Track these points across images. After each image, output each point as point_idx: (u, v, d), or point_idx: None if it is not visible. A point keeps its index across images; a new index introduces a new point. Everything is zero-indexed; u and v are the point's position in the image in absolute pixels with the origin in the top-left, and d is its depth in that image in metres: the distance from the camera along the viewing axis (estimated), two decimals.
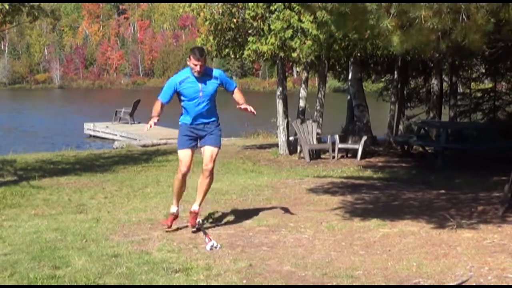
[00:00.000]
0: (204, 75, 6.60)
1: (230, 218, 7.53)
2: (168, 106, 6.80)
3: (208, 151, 6.73)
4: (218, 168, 12.61)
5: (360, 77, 17.62)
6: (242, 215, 7.66)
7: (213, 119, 6.78)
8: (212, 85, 6.65)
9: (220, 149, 6.87)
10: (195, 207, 6.89)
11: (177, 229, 6.95)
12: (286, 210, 7.98)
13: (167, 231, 6.80)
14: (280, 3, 13.57)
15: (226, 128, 10.03)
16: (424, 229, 6.84)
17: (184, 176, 6.81)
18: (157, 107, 6.68)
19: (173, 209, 6.98)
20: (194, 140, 6.78)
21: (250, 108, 6.68)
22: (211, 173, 6.80)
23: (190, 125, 6.73)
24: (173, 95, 6.68)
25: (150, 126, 6.60)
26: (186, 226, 7.05)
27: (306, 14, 12.90)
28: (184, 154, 6.74)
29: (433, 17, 5.56)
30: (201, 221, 6.97)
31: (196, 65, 6.50)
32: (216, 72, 6.74)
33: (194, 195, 7.06)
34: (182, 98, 6.68)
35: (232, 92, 6.83)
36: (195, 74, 6.55)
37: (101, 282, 5.09)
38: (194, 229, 6.78)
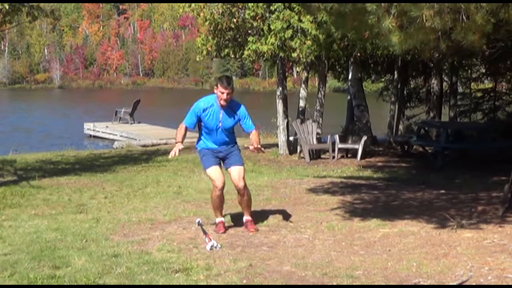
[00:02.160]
0: (228, 108, 6.63)
1: (231, 218, 7.53)
2: (169, 107, 6.80)
3: (235, 171, 6.81)
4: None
5: (360, 77, 17.61)
6: (242, 215, 7.65)
7: (230, 145, 6.87)
8: (232, 120, 6.70)
9: (244, 167, 6.94)
10: (247, 217, 6.97)
11: (177, 229, 6.95)
12: (286, 210, 7.99)
13: (217, 232, 6.79)
14: (280, 3, 13.57)
15: None
16: (424, 229, 6.85)
17: (221, 190, 6.84)
18: (181, 131, 6.70)
19: (219, 219, 6.94)
20: (218, 158, 6.84)
21: (261, 148, 6.72)
22: (245, 189, 6.88)
23: (209, 149, 6.79)
24: (197, 120, 6.71)
25: (175, 154, 6.55)
26: (186, 227, 7.05)
27: (306, 14, 12.90)
28: (215, 171, 6.78)
29: (433, 16, 5.57)
30: (200, 221, 6.96)
31: (223, 93, 6.53)
32: (240, 109, 6.74)
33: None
34: (202, 124, 6.74)
35: (250, 133, 6.87)
36: (221, 102, 6.57)
37: (101, 282, 5.10)
38: (256, 231, 6.80)
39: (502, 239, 6.32)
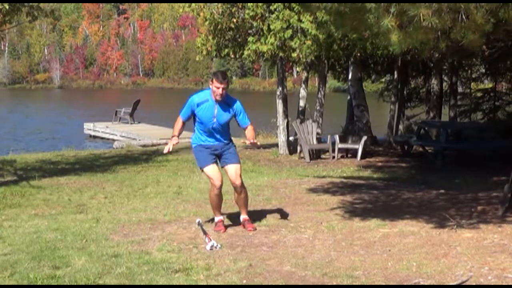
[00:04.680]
0: (223, 102, 6.63)
1: (230, 218, 7.53)
2: (169, 107, 6.81)
3: (231, 169, 6.82)
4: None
5: (360, 77, 17.61)
6: (240, 214, 7.64)
7: (225, 141, 6.85)
8: (227, 115, 6.69)
9: (241, 164, 6.97)
10: (244, 216, 6.99)
11: (177, 229, 6.95)
12: (286, 210, 7.98)
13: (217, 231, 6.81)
14: (279, 3, 13.57)
15: None
16: (424, 229, 6.85)
17: (220, 189, 6.85)
18: (178, 125, 6.80)
19: (218, 218, 6.98)
20: (214, 155, 6.83)
21: (256, 142, 6.77)
22: (242, 187, 6.90)
23: (204, 146, 6.79)
24: (191, 114, 6.74)
25: (169, 149, 6.67)
26: (186, 227, 7.05)
27: (306, 14, 12.90)
28: (212, 170, 6.78)
29: (432, 16, 5.56)
30: (200, 221, 6.96)
31: (218, 88, 6.52)
32: (236, 103, 6.74)
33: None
34: (197, 119, 6.75)
35: (245, 128, 6.87)
36: (217, 97, 6.57)
37: (101, 282, 5.10)
38: (255, 230, 6.82)
39: (502, 239, 6.32)
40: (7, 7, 10.96)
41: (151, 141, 22.11)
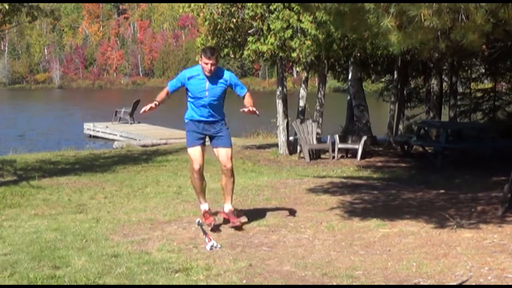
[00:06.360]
0: (214, 76, 6.61)
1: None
2: (169, 107, 6.81)
3: (223, 152, 6.82)
4: (218, 168, 12.61)
5: (360, 77, 17.61)
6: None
7: (218, 118, 6.81)
8: (219, 87, 6.67)
9: (232, 148, 6.95)
10: (228, 207, 6.97)
11: (178, 229, 6.95)
12: (286, 210, 7.98)
13: (211, 230, 6.74)
14: (279, 3, 13.57)
15: None
16: (424, 229, 6.85)
17: (199, 172, 6.83)
18: (162, 94, 6.75)
19: (204, 206, 7.01)
20: (202, 138, 6.83)
21: (255, 111, 6.69)
22: (232, 172, 6.90)
23: (196, 121, 6.76)
24: (179, 87, 6.76)
25: (149, 109, 6.53)
26: (186, 227, 7.05)
27: (306, 14, 12.90)
28: (195, 152, 6.78)
29: (432, 16, 5.57)
30: (201, 221, 6.96)
31: (207, 64, 6.53)
32: (226, 74, 6.75)
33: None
34: (189, 93, 6.75)
35: (243, 98, 6.87)
36: (206, 73, 6.58)
37: (101, 282, 5.10)
38: (236, 226, 6.80)
39: (502, 239, 6.32)
40: (7, 7, 10.96)
41: (151, 141, 22.12)
